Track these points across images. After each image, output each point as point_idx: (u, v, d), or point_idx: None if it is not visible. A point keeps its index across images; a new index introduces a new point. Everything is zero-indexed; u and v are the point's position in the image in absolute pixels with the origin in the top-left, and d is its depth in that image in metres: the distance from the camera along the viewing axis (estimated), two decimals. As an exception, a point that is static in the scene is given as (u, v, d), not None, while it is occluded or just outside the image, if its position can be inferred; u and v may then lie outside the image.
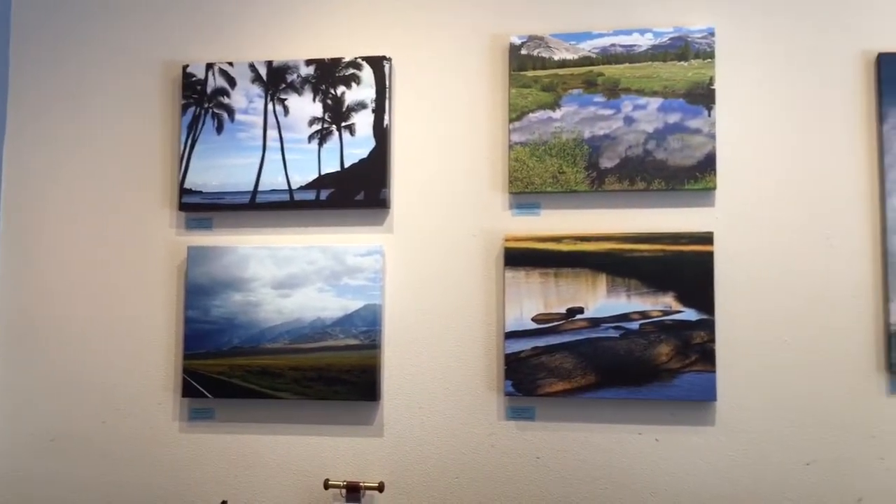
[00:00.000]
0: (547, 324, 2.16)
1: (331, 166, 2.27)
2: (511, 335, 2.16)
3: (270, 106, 2.31)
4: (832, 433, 2.04)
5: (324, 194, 2.26)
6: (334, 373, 2.20)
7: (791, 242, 2.10)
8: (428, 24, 2.31)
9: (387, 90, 2.27)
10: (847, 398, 2.04)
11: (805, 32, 2.13)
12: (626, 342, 2.12)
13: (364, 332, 2.21)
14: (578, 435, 2.15)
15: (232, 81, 2.33)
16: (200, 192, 2.30)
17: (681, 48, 2.17)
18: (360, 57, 2.29)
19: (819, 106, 2.11)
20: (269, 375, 2.23)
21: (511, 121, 2.22)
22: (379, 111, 2.27)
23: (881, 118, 2.06)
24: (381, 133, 2.26)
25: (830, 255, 2.08)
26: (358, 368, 2.20)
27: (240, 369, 2.24)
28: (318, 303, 2.23)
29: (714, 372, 2.07)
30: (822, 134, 2.10)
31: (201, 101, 2.33)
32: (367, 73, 2.28)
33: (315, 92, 2.30)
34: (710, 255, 2.10)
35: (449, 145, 2.26)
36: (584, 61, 2.21)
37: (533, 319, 2.16)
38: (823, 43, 2.12)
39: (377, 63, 2.28)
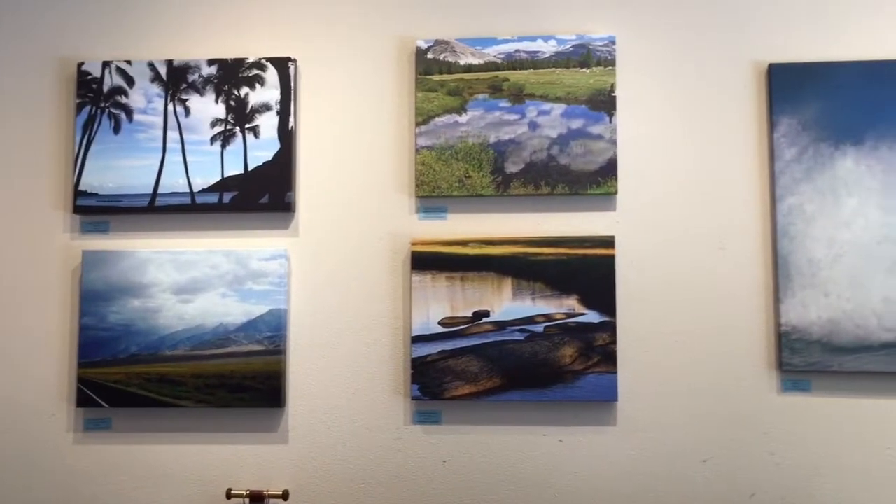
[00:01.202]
0: (453, 327, 2.16)
1: (234, 169, 2.22)
2: (418, 339, 2.16)
3: (171, 106, 2.24)
4: (727, 431, 2.11)
5: (227, 197, 2.21)
6: (238, 379, 2.16)
7: (688, 246, 2.16)
8: (334, 26, 2.28)
9: (292, 92, 2.24)
10: (741, 397, 2.11)
11: (701, 43, 2.20)
12: (531, 345, 2.14)
13: (268, 337, 2.17)
14: (484, 437, 2.16)
15: (130, 80, 2.26)
16: (96, 195, 2.22)
17: (583, 55, 2.21)
18: (264, 58, 2.25)
19: (714, 114, 2.18)
20: (170, 383, 2.16)
21: (417, 124, 2.21)
22: (284, 113, 2.23)
23: (772, 126, 2.14)
24: (286, 135, 2.23)
25: (725, 258, 2.15)
26: (262, 374, 2.16)
27: (138, 377, 2.17)
28: (220, 308, 2.18)
29: (615, 373, 2.11)
30: (717, 141, 2.17)
31: (97, 100, 2.25)
32: (271, 75, 2.24)
33: (218, 93, 2.24)
34: (612, 258, 2.14)
35: (355, 148, 2.25)
36: (490, 66, 2.23)
37: (440, 323, 2.16)
38: (718, 53, 2.19)
39: (282, 64, 2.25)
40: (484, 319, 2.17)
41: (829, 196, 2.09)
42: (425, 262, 2.18)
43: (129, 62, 2.27)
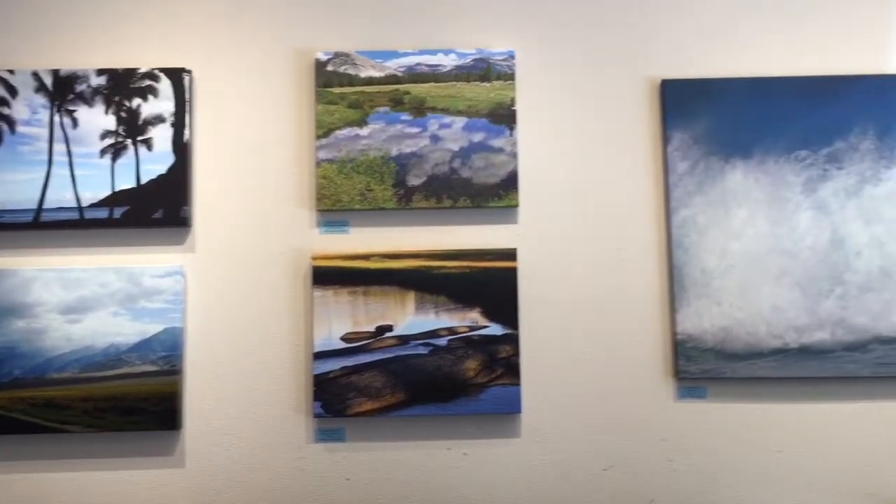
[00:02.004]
0: (356, 343, 2.14)
1: (126, 182, 2.14)
2: (320, 355, 2.12)
3: (57, 117, 2.15)
4: (627, 439, 2.14)
5: (118, 212, 2.13)
6: (130, 402, 2.07)
7: (588, 257, 2.19)
8: (231, 37, 2.23)
9: (187, 104, 2.17)
10: (640, 404, 2.15)
11: (598, 59, 2.24)
12: (434, 359, 2.13)
13: (163, 357, 2.09)
14: (388, 454, 2.13)
15: (13, 90, 2.15)
16: (-25, 210, 2.11)
17: (483, 70, 2.22)
18: (157, 68, 2.18)
19: (611, 128, 2.22)
20: (56, 408, 2.06)
21: (318, 137, 2.18)
22: (178, 125, 2.16)
23: (665, 140, 2.19)
24: (181, 148, 2.16)
25: (623, 269, 2.19)
26: (156, 396, 2.08)
27: (22, 402, 2.05)
28: (111, 328, 2.09)
29: (519, 385, 2.12)
30: (614, 154, 2.22)
31: (-24, 110, 2.14)
32: (165, 86, 2.17)
33: (107, 104, 2.16)
34: (514, 270, 2.16)
35: (254, 162, 2.20)
36: (391, 79, 2.22)
37: (342, 339, 2.13)
38: (614, 69, 2.24)
39: (176, 75, 2.18)
40: (387, 334, 2.15)
41: (721, 208, 2.16)
42: (327, 276, 2.15)
43: (11, 71, 2.16)
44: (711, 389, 2.14)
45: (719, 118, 2.18)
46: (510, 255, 2.16)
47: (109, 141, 2.15)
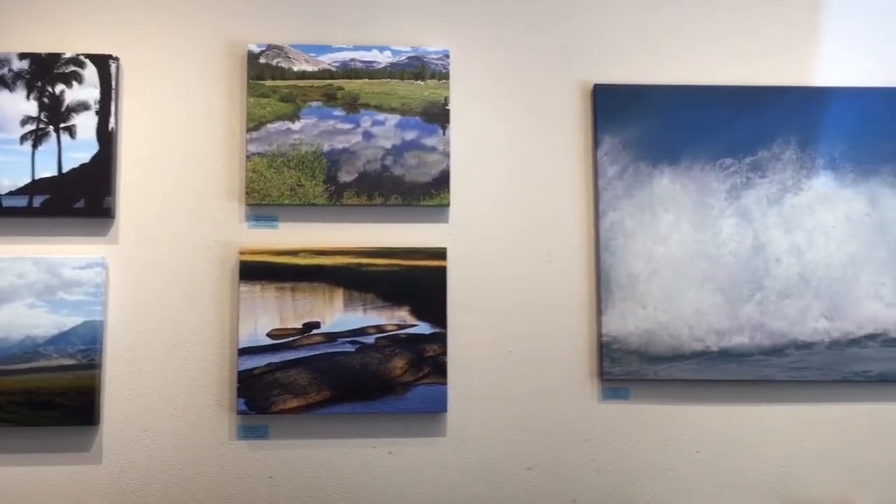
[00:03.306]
0: (282, 339, 2.11)
1: (47, 171, 2.08)
2: (245, 351, 2.09)
3: (-25, 101, 2.08)
4: (551, 439, 2.16)
5: (38, 201, 2.07)
6: (45, 396, 2.01)
7: (517, 258, 2.20)
8: (161, 25, 2.19)
9: (113, 91, 2.12)
10: (565, 405, 2.17)
11: (531, 61, 2.26)
12: (361, 356, 2.12)
13: (82, 350, 2.04)
14: (313, 452, 2.12)
15: (-72, 71, 2.07)
16: None
17: (418, 68, 2.21)
18: (82, 54, 2.12)
19: (543, 130, 2.24)
20: (-34, 402, 1.99)
21: (249, 130, 2.15)
22: (104, 113, 2.11)
23: (596, 144, 2.22)
24: (106, 137, 2.11)
25: (552, 271, 2.21)
26: (73, 390, 2.02)
27: (-71, 396, 1.98)
28: (27, 320, 2.03)
29: (445, 384, 2.12)
30: (546, 156, 2.23)
31: None
32: (90, 72, 2.12)
33: (29, 89, 2.10)
34: (444, 269, 2.16)
35: (182, 153, 2.16)
36: (324, 74, 2.20)
37: (268, 335, 2.11)
38: (547, 72, 2.26)
39: (102, 62, 2.13)
40: (314, 331, 2.13)
41: (648, 212, 2.19)
42: (254, 271, 2.12)
43: (-74, 51, 2.08)
44: (634, 391, 2.18)
45: (649, 124, 2.22)
46: (440, 254, 2.16)
47: (30, 127, 2.09)
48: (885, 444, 2.18)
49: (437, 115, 2.20)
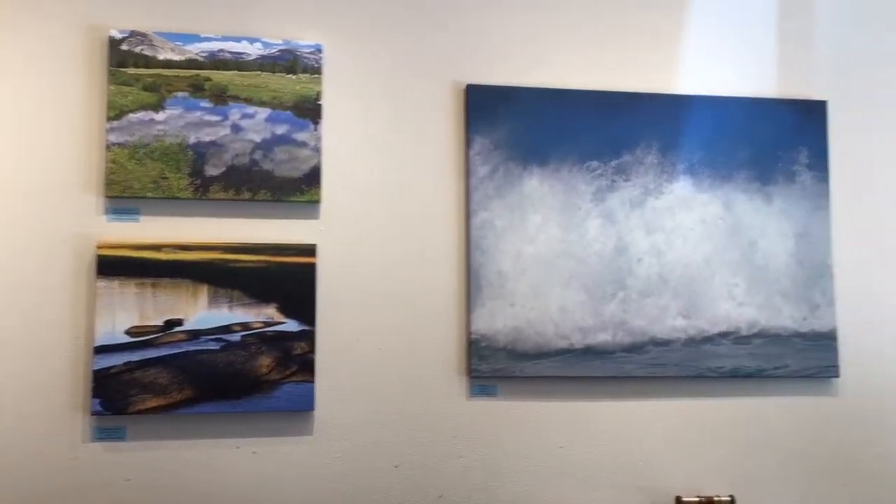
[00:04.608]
0: (142, 337, 2.04)
1: None
2: (101, 350, 2.01)
3: None
4: (419, 436, 2.17)
5: None
6: None
7: (389, 256, 2.20)
8: (14, 6, 2.07)
9: (-42, 74, 2.00)
10: (433, 402, 2.18)
11: (405, 59, 2.26)
12: (226, 354, 2.07)
13: (-82, 349, 1.91)
14: (173, 453, 2.06)
15: None
16: None
17: (290, 61, 2.18)
18: (-76, 32, 1.99)
19: (416, 129, 2.25)
20: None
21: (109, 119, 2.07)
22: (-53, 97, 1.99)
23: (468, 144, 2.24)
24: (-50, 122, 1.98)
25: (423, 269, 2.21)
26: None
27: None
28: None
29: (313, 382, 2.10)
30: (418, 155, 2.24)
31: None
32: (-68, 52, 1.99)
33: None
34: (313, 266, 2.13)
35: (35, 142, 2.06)
36: (191, 64, 2.14)
37: (127, 332, 2.03)
38: (421, 71, 2.26)
39: (-54, 42, 2.00)
40: (176, 328, 2.07)
41: (517, 212, 2.23)
42: (113, 266, 2.04)
43: None
44: (502, 387, 2.21)
45: (519, 125, 2.26)
46: (310, 250, 2.14)
47: None
48: (737, 436, 2.29)
49: (309, 110, 2.18)
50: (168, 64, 2.12)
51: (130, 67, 2.10)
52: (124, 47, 2.10)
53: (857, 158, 2.43)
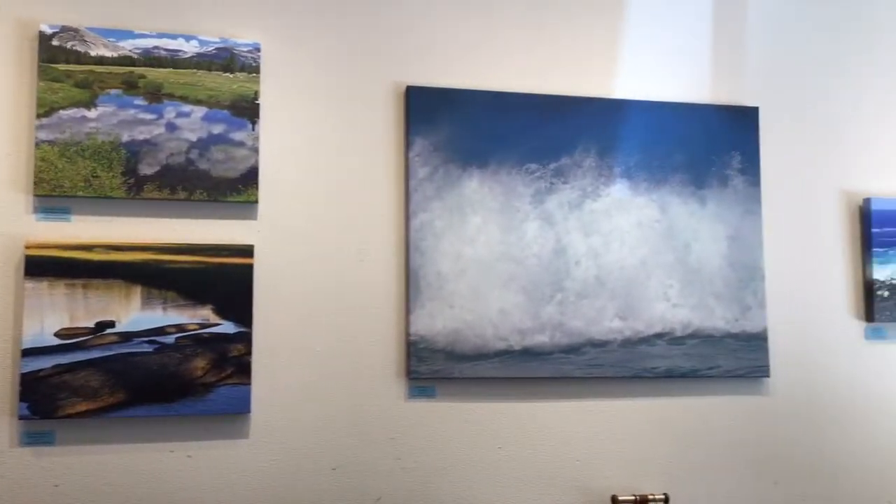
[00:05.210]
0: (72, 339, 2.00)
1: None
2: (29, 352, 1.96)
3: None
4: (357, 438, 2.16)
5: None
6: None
7: (328, 257, 2.19)
8: (-62, -3, 2.01)
9: None
10: (372, 404, 2.18)
11: (345, 60, 2.25)
12: (160, 357, 2.04)
13: None
14: (104, 458, 2.01)
15: None
16: None
17: (227, 59, 2.15)
18: None
19: (356, 130, 2.24)
20: None
21: (38, 116, 2.02)
22: None
23: (408, 145, 2.24)
24: None
25: (363, 271, 2.21)
26: None
27: None
28: None
29: (249, 384, 2.08)
30: (357, 156, 2.23)
31: None
32: None
33: None
34: (251, 267, 2.11)
35: (-40, 138, 1.99)
36: (125, 61, 2.10)
37: (56, 335, 1.99)
38: (361, 71, 2.26)
39: None
40: (108, 330, 2.03)
41: (457, 214, 2.24)
42: (42, 267, 1.99)
43: None
44: (440, 389, 2.22)
45: (459, 127, 2.26)
46: (247, 251, 2.12)
47: None
48: (671, 435, 2.34)
49: (247, 110, 2.15)
50: (101, 60, 2.08)
51: (61, 63, 2.05)
52: (55, 42, 2.05)
53: (787, 163, 2.50)
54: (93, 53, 2.08)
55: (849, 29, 2.60)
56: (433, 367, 2.19)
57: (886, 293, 2.47)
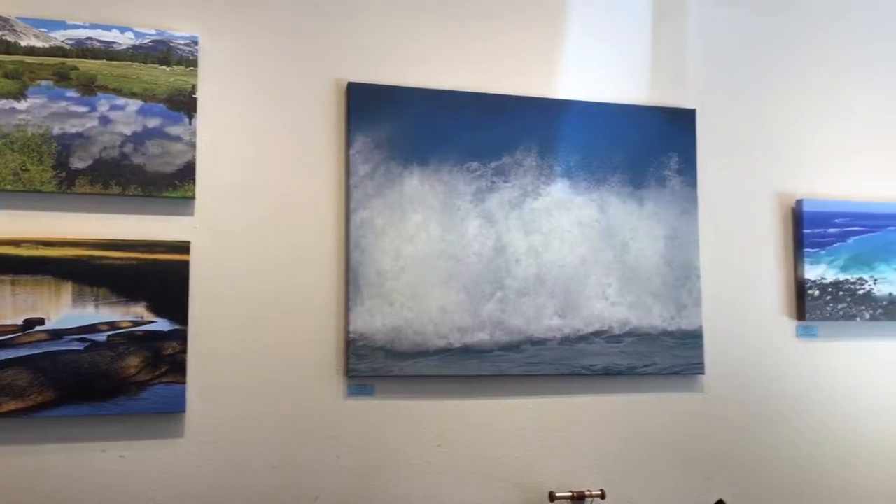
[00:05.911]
0: (-1, 337, 1.94)
1: None
2: (-47, 351, 1.90)
3: None
4: (296, 437, 2.15)
5: None
6: None
7: (266, 254, 2.17)
8: None
9: None
10: (310, 402, 2.16)
11: (285, 56, 2.23)
12: (91, 355, 2.00)
13: None
14: (32, 458, 1.96)
15: None
16: None
17: (163, 52, 2.12)
18: None
19: (297, 126, 2.22)
20: None
21: (-36, 107, 1.96)
22: None
23: (349, 143, 2.23)
24: None
25: (301, 268, 2.19)
26: None
27: None
28: None
29: (184, 383, 2.05)
30: (298, 152, 2.22)
31: None
32: None
33: None
34: (187, 264, 2.08)
35: None
36: (57, 51, 2.05)
37: (-19, 332, 1.93)
38: (302, 67, 2.24)
39: None
40: (37, 328, 1.98)
41: (398, 212, 2.24)
42: (-33, 263, 1.93)
43: None
44: (379, 387, 2.21)
45: (401, 125, 2.26)
46: (183, 247, 2.08)
47: None
48: (608, 432, 2.37)
49: (184, 104, 2.12)
50: (31, 51, 2.03)
51: (-11, 53, 1.99)
52: (-18, 32, 1.99)
53: (723, 165, 2.55)
54: (23, 44, 2.02)
55: (784, 36, 2.67)
56: (372, 365, 2.18)
57: (817, 292, 2.54)
